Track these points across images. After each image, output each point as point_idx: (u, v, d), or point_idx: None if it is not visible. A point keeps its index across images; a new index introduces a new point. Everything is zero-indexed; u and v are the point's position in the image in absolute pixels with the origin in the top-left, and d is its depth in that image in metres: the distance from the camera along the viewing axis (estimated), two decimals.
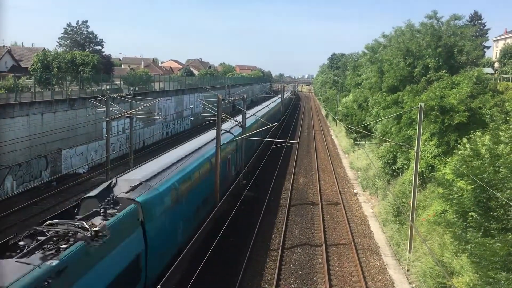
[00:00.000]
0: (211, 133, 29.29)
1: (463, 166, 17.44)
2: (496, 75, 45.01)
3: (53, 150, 36.13)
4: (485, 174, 15.66)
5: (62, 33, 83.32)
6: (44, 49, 68.82)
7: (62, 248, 10.89)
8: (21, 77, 49.75)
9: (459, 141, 22.70)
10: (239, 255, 22.55)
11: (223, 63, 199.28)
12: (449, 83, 28.71)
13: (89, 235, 11.49)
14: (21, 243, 11.03)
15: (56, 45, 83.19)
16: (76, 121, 39.04)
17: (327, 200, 34.22)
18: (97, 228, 11.65)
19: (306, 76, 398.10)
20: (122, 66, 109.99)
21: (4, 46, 78.83)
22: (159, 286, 11.75)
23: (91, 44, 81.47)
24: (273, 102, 77.01)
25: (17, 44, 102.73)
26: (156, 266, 16.35)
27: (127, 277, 13.70)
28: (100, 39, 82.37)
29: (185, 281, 15.15)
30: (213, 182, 25.00)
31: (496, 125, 20.17)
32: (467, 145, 19.23)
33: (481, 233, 15.37)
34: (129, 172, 19.00)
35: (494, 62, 61.29)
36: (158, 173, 18.45)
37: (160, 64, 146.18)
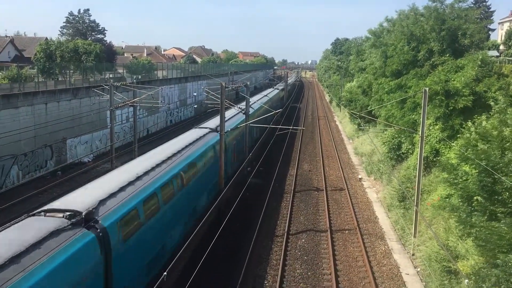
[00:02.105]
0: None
1: (468, 150, 17.34)
2: (501, 57, 44.53)
3: (58, 139, 36.27)
4: (492, 158, 15.55)
5: (64, 22, 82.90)
6: (47, 38, 68.69)
7: None
8: (24, 67, 49.74)
9: (464, 125, 22.57)
10: (245, 242, 22.69)
11: (226, 50, 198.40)
12: (454, 67, 28.46)
13: None
14: None
15: (59, 34, 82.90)
16: (80, 110, 39.10)
17: (332, 186, 34.26)
18: None
19: (309, 62, 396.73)
20: (125, 55, 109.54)
21: (6, 36, 78.79)
22: (165, 273, 11.81)
23: (93, 33, 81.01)
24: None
25: (19, 33, 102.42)
26: None
27: None
28: (102, 27, 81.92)
29: (191, 269, 15.23)
30: None
31: (501, 108, 19.96)
32: (472, 128, 19.07)
33: (486, 217, 15.34)
34: None
35: (499, 45, 60.60)
36: None
37: (162, 52, 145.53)
